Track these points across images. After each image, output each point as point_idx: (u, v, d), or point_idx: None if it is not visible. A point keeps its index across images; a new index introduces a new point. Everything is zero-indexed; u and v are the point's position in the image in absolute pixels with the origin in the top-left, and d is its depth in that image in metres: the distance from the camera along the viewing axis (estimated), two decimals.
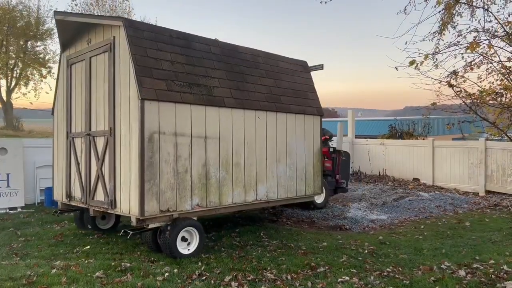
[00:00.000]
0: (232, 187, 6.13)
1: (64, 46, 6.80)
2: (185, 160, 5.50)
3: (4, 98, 30.75)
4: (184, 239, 5.40)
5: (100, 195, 5.80)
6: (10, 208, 8.54)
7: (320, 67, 8.18)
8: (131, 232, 5.25)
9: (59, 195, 6.89)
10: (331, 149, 9.36)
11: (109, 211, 5.65)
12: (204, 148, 5.76)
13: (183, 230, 5.35)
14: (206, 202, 5.75)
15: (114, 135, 5.53)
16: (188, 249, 5.42)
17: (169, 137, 5.35)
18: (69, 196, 6.51)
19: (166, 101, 5.32)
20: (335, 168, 9.36)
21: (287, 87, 7.32)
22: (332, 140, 9.50)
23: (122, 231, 5.39)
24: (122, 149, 5.41)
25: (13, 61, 31.22)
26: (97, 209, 5.82)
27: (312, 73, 8.14)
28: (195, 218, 5.62)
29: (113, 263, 4.90)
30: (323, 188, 8.43)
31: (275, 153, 6.87)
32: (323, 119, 8.04)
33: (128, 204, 5.28)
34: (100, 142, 5.82)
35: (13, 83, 31.66)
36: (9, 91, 31.55)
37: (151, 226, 5.28)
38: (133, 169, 5.19)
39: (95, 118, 5.99)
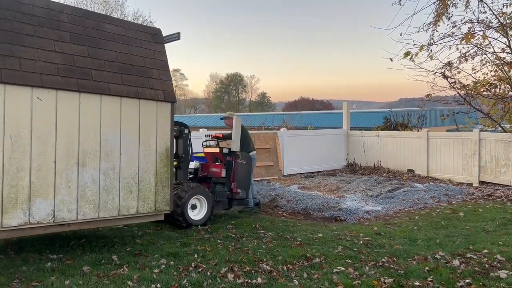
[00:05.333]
0: None
1: None
2: None
3: None
4: None
5: None
6: None
7: (176, 36, 6.41)
8: None
9: None
10: (226, 151, 7.46)
11: None
12: None
13: None
14: None
15: None
16: None
17: None
18: None
19: None
20: (229, 174, 7.40)
21: (111, 59, 5.31)
22: (229, 139, 7.59)
23: None
24: None
25: None
26: None
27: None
28: None
29: (109, 256, 4.89)
30: (206, 201, 6.78)
31: (76, 152, 4.85)
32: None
33: None
34: None
35: None
36: None
37: None
38: None
39: None
